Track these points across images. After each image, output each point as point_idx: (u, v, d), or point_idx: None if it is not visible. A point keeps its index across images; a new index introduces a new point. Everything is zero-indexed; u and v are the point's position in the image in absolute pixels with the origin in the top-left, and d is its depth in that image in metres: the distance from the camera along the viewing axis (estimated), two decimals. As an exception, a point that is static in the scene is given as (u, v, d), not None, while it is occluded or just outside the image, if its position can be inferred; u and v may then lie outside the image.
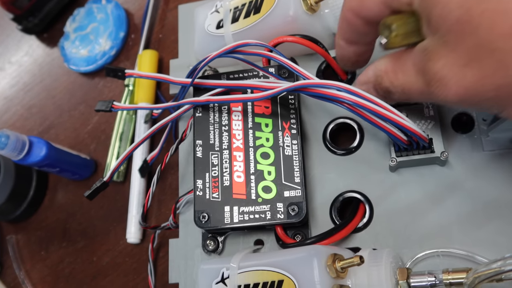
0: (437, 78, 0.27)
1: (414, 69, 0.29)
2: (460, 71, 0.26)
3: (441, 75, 0.27)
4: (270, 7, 0.40)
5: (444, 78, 0.27)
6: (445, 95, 0.27)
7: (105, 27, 0.59)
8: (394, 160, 0.37)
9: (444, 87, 0.27)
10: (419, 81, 0.29)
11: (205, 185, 0.39)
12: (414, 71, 0.29)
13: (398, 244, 0.37)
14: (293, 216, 0.37)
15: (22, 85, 0.63)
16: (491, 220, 0.36)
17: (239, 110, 0.40)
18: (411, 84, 0.30)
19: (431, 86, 0.28)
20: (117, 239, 0.51)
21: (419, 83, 0.29)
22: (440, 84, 0.27)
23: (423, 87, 0.29)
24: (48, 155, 0.49)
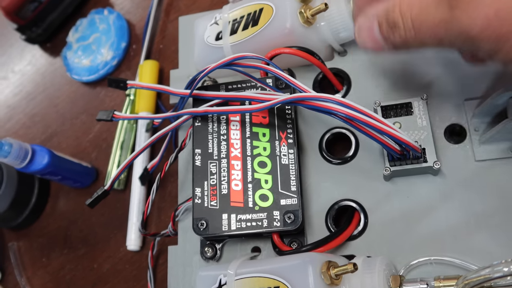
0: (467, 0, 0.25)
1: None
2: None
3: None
4: (268, 19, 0.41)
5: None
6: (472, 17, 0.25)
7: (107, 37, 0.60)
8: (388, 170, 0.38)
9: (474, 9, 0.25)
10: (439, 8, 0.26)
11: (204, 193, 0.40)
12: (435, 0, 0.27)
13: (392, 251, 0.38)
14: (289, 224, 0.38)
15: (25, 94, 0.64)
16: (483, 229, 0.36)
17: (237, 120, 0.41)
18: (427, 14, 0.27)
19: (457, 9, 0.25)
20: (117, 246, 0.52)
21: (439, 11, 0.27)
22: (469, 5, 0.25)
23: (443, 15, 0.26)
24: (50, 163, 0.50)
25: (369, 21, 0.31)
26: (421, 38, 0.28)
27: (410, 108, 0.39)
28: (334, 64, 0.44)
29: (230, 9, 0.44)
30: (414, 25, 0.28)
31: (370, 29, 0.31)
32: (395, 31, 0.29)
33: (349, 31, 0.41)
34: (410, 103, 0.39)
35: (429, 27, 0.27)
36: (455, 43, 0.27)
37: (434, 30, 0.27)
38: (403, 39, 0.29)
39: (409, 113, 0.39)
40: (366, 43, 0.32)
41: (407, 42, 0.29)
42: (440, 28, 0.27)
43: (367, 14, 0.32)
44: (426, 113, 0.38)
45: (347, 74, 0.43)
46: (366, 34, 0.32)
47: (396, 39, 0.30)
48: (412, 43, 0.29)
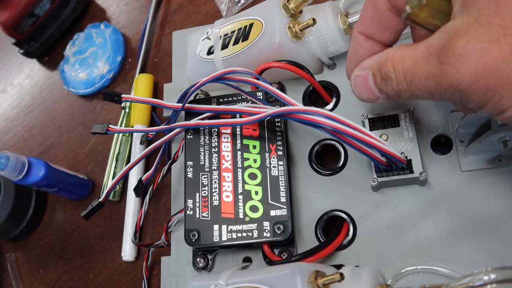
0: (456, 54, 0.26)
1: (427, 51, 0.27)
2: (485, 48, 0.25)
3: (462, 51, 0.25)
4: (258, 34, 0.42)
5: (465, 54, 0.25)
6: (461, 72, 0.25)
7: (104, 51, 0.61)
8: (375, 181, 0.39)
9: (462, 64, 0.25)
10: (429, 62, 0.27)
11: (195, 205, 0.41)
12: (425, 54, 0.28)
13: (380, 261, 0.38)
14: (279, 235, 0.38)
15: (23, 106, 0.65)
16: (469, 238, 0.37)
17: (228, 132, 0.42)
18: (417, 68, 0.28)
19: (446, 64, 0.26)
20: (113, 257, 0.52)
21: (429, 65, 0.27)
22: (457, 60, 0.26)
23: (433, 69, 0.27)
24: (47, 176, 0.51)
25: (364, 73, 0.32)
26: (413, 90, 0.29)
27: (396, 120, 0.40)
28: (323, 77, 0.45)
29: (221, 24, 0.45)
30: (405, 78, 0.29)
31: (365, 80, 0.32)
32: (388, 83, 0.30)
33: (337, 45, 0.42)
34: (396, 115, 0.40)
35: (420, 80, 0.28)
36: (445, 95, 0.28)
37: (424, 83, 0.28)
38: (396, 90, 0.30)
39: (396, 125, 0.40)
40: (362, 94, 0.33)
41: (400, 94, 0.30)
42: (430, 82, 0.28)
43: (362, 66, 0.33)
44: (412, 125, 0.39)
45: (336, 87, 0.44)
46: (362, 86, 0.33)
47: (389, 90, 0.31)
48: (404, 94, 0.30)
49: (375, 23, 0.33)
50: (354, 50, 0.35)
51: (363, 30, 0.34)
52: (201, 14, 0.58)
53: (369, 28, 0.34)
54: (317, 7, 0.43)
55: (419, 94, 0.29)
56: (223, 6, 0.56)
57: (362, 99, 0.34)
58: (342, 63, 0.45)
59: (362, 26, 0.34)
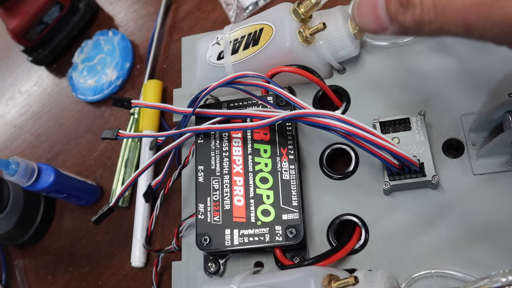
0: None
1: None
2: None
3: None
4: (268, 39, 0.42)
5: None
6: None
7: (112, 58, 0.61)
8: (387, 184, 0.39)
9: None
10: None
11: (207, 209, 0.41)
12: None
13: (393, 265, 0.38)
14: (291, 239, 0.38)
15: (31, 113, 0.66)
16: (482, 241, 0.37)
17: (239, 137, 0.42)
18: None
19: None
20: (122, 263, 0.52)
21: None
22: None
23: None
24: (56, 182, 0.51)
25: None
26: (443, 22, 0.24)
27: (408, 124, 0.40)
28: (333, 82, 0.45)
29: (231, 29, 0.46)
30: (436, 5, 0.24)
31: (373, 5, 0.26)
32: (408, 10, 0.25)
33: (347, 49, 0.42)
34: (408, 118, 0.40)
35: (457, 10, 0.23)
36: (489, 32, 0.23)
37: (463, 14, 0.23)
38: (418, 20, 0.25)
39: (407, 129, 0.40)
40: (366, 21, 0.27)
41: (421, 25, 0.25)
42: (472, 13, 0.23)
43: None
44: (424, 128, 0.39)
45: (346, 91, 0.44)
46: (368, 11, 0.27)
47: (407, 19, 0.25)
48: (428, 27, 0.24)
49: None
50: None
51: None
52: (209, 21, 0.58)
53: None
54: (327, 12, 0.43)
55: (450, 28, 0.24)
56: (231, 13, 0.56)
57: (363, 29, 0.28)
58: (352, 67, 0.45)
59: None
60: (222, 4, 0.57)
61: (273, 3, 0.54)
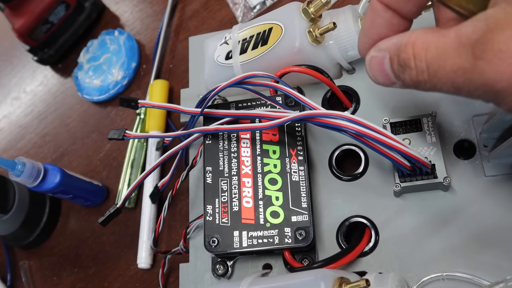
0: (496, 49, 0.23)
1: (457, 42, 0.24)
2: None
3: (503, 47, 0.22)
4: (277, 39, 0.42)
5: (506, 50, 0.22)
6: (499, 71, 0.23)
7: (118, 57, 0.61)
8: (398, 186, 0.38)
9: (502, 62, 0.23)
10: (460, 55, 0.24)
11: (215, 210, 0.40)
12: (456, 45, 0.25)
13: (404, 268, 0.38)
14: (301, 241, 0.38)
15: (36, 113, 0.65)
16: (494, 244, 0.36)
17: (248, 137, 0.42)
18: (444, 59, 0.25)
19: (481, 59, 0.23)
20: (128, 264, 0.52)
21: (460, 57, 0.24)
22: (496, 56, 0.23)
23: (464, 62, 0.24)
24: (62, 182, 0.50)
25: (381, 55, 0.29)
26: (435, 82, 0.26)
27: (419, 125, 0.39)
28: (342, 82, 0.44)
29: (239, 29, 0.45)
30: (428, 69, 0.26)
31: (381, 63, 0.29)
32: (406, 71, 0.28)
33: (357, 49, 0.42)
34: (419, 119, 0.39)
35: (446, 73, 0.25)
36: (474, 93, 0.25)
37: (451, 77, 0.25)
38: (414, 81, 0.27)
39: (418, 130, 0.39)
40: (377, 77, 0.31)
41: (419, 84, 0.27)
42: (458, 76, 0.25)
43: (379, 46, 0.30)
44: (435, 129, 0.39)
45: (355, 92, 0.44)
46: (377, 68, 0.30)
47: (406, 79, 0.28)
48: (424, 86, 0.27)
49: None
50: (371, 20, 0.31)
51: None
52: (216, 20, 0.58)
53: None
54: (337, 11, 0.43)
55: (442, 87, 0.26)
56: (239, 12, 0.56)
57: (376, 82, 0.31)
58: (361, 67, 0.44)
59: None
60: (229, 4, 0.57)
61: (281, 3, 0.54)
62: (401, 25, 0.31)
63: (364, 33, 0.32)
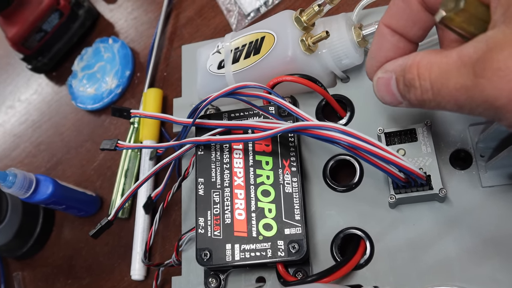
0: (495, 68, 0.24)
1: (459, 61, 0.26)
2: None
3: (502, 65, 0.24)
4: (269, 48, 0.41)
5: (505, 68, 0.23)
6: (498, 88, 0.24)
7: (112, 66, 0.61)
8: (393, 197, 0.37)
9: (501, 79, 0.24)
10: (462, 74, 0.25)
11: (207, 223, 0.40)
12: (458, 64, 0.26)
13: (399, 281, 0.37)
14: (294, 254, 0.37)
15: (30, 122, 0.65)
16: (491, 257, 0.36)
17: (240, 148, 0.41)
18: (447, 78, 0.26)
19: (482, 77, 0.24)
20: (121, 275, 0.51)
21: (461, 76, 0.25)
22: (496, 75, 0.24)
23: (466, 81, 0.25)
24: (55, 193, 0.50)
25: (387, 76, 0.31)
26: (439, 101, 0.27)
27: (414, 135, 0.39)
28: (337, 91, 0.44)
29: (232, 37, 0.45)
30: (432, 88, 0.27)
31: (388, 84, 0.31)
32: (411, 91, 0.29)
33: (351, 58, 0.41)
34: (414, 129, 0.39)
35: (449, 92, 0.26)
36: (476, 110, 0.26)
37: (454, 95, 0.26)
38: (419, 100, 0.29)
39: (413, 140, 0.38)
40: (384, 97, 0.32)
41: (423, 103, 0.29)
42: (461, 94, 0.26)
43: (385, 68, 0.31)
44: (430, 139, 0.38)
45: (350, 101, 0.43)
46: (384, 89, 0.31)
47: (412, 98, 0.29)
48: (429, 104, 0.28)
49: (403, 17, 0.32)
50: (378, 44, 0.33)
51: (390, 23, 0.32)
52: (210, 27, 0.57)
53: (396, 21, 0.32)
54: (330, 19, 0.42)
55: (446, 106, 0.27)
56: (233, 20, 0.55)
57: (384, 103, 0.33)
58: (355, 76, 0.44)
59: (389, 18, 0.33)
60: (223, 11, 0.56)
61: (275, 10, 0.53)
62: (407, 48, 0.33)
63: (372, 56, 0.34)
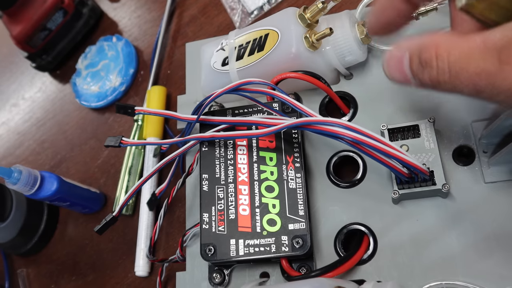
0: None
1: (483, 46, 0.25)
2: None
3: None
4: (274, 45, 0.42)
5: None
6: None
7: (116, 64, 0.61)
8: (396, 193, 0.38)
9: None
10: (486, 59, 0.25)
11: (211, 219, 0.40)
12: (481, 49, 0.25)
13: (402, 276, 0.37)
14: (298, 249, 0.37)
15: (35, 120, 0.65)
16: (494, 252, 0.36)
17: (244, 144, 0.41)
18: (468, 61, 0.25)
19: (507, 64, 0.24)
20: (125, 272, 0.52)
21: (484, 61, 0.25)
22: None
23: (489, 66, 0.25)
24: (59, 190, 0.50)
25: (400, 52, 0.30)
26: (456, 84, 0.26)
27: (417, 131, 0.39)
28: (340, 88, 0.44)
29: (236, 35, 0.45)
30: (450, 70, 0.26)
31: (400, 61, 0.30)
32: (426, 71, 0.28)
33: (354, 54, 0.42)
34: (417, 125, 0.39)
35: (469, 75, 0.26)
36: (496, 97, 0.25)
37: (473, 79, 0.25)
38: (434, 80, 0.28)
39: (417, 136, 0.39)
40: (394, 74, 0.31)
41: (438, 84, 0.28)
42: (481, 79, 0.25)
43: (399, 45, 0.30)
44: (433, 135, 0.38)
45: (353, 97, 0.43)
46: (395, 65, 0.30)
47: (425, 78, 0.28)
48: (443, 86, 0.27)
49: None
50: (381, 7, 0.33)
51: None
52: (214, 25, 0.58)
53: None
54: (334, 16, 0.42)
55: (463, 89, 0.26)
56: (236, 18, 0.55)
57: (391, 79, 0.32)
58: (359, 73, 0.44)
59: None
60: (226, 9, 0.57)
61: (279, 8, 0.54)
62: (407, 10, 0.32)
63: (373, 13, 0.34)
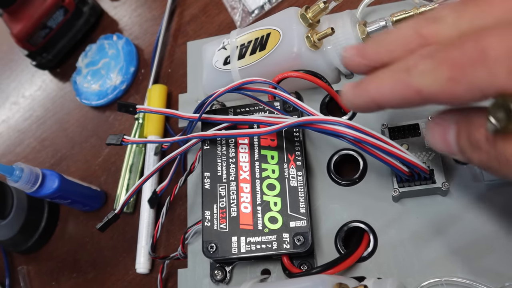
0: None
1: None
2: None
3: None
4: (275, 44, 0.42)
5: None
6: None
7: (116, 62, 0.61)
8: (396, 191, 0.38)
9: None
10: None
11: (213, 216, 0.40)
12: None
13: (402, 273, 0.38)
14: (299, 246, 0.38)
15: (35, 118, 0.65)
16: (493, 250, 0.36)
17: (246, 143, 0.42)
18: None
19: None
20: (126, 269, 0.52)
21: None
22: None
23: None
24: (60, 187, 0.50)
25: (445, 123, 0.27)
26: (506, 172, 0.24)
27: (417, 130, 0.39)
28: (341, 87, 0.44)
29: (238, 34, 0.45)
30: (499, 158, 0.23)
31: (444, 133, 0.28)
32: (475, 152, 0.25)
33: (355, 54, 0.42)
34: (417, 124, 0.39)
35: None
36: None
37: None
38: (484, 164, 0.25)
39: (417, 134, 0.39)
40: (437, 144, 0.29)
41: (487, 168, 0.25)
42: None
43: (444, 115, 0.28)
44: (433, 134, 0.39)
45: (354, 97, 0.44)
46: (439, 136, 0.28)
47: (474, 159, 0.26)
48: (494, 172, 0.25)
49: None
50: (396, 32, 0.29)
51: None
52: (214, 24, 0.58)
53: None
54: (335, 16, 0.43)
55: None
56: (237, 17, 0.56)
57: (434, 148, 0.30)
58: (359, 72, 0.44)
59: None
60: (227, 8, 0.57)
61: (279, 7, 0.54)
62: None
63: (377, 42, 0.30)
